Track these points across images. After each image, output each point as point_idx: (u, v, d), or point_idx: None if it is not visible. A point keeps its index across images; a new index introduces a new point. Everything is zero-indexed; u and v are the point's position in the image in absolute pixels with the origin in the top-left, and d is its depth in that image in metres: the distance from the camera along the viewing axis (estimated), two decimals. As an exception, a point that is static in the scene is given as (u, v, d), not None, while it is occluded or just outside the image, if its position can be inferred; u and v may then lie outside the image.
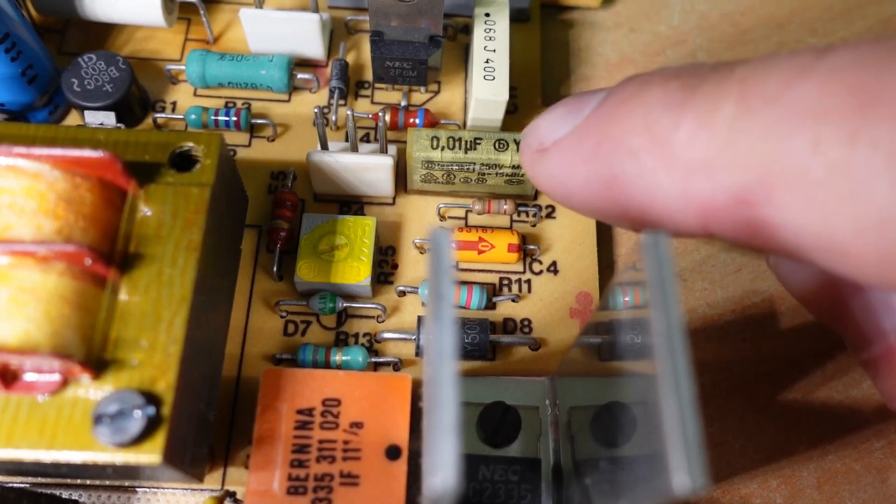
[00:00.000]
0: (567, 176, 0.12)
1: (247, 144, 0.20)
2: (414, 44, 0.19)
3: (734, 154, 0.10)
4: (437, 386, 0.09)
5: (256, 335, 0.18)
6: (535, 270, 0.19)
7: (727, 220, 0.11)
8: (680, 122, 0.11)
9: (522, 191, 0.19)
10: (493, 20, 0.20)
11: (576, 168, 0.12)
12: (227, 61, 0.20)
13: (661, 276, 0.10)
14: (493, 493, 0.16)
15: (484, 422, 0.16)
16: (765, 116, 0.10)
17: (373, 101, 0.21)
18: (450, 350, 0.10)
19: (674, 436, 0.09)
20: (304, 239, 0.18)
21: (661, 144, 0.11)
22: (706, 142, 0.10)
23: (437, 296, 0.10)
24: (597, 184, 0.12)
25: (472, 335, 0.17)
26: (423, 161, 0.18)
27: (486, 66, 0.19)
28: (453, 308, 0.10)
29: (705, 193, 0.10)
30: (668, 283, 0.10)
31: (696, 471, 0.09)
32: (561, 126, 0.13)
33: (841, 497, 0.17)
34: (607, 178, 0.12)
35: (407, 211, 0.20)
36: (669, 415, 0.10)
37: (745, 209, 0.10)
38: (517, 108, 0.21)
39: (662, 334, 0.10)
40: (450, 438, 0.09)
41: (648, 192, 0.11)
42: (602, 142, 0.12)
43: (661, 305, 0.10)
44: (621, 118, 0.11)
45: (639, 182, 0.11)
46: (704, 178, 0.10)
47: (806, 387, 0.18)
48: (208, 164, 0.15)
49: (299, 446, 0.15)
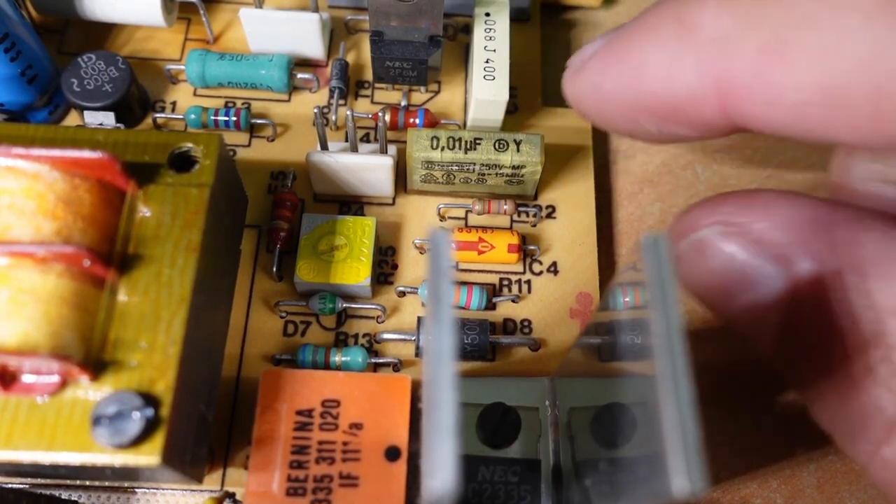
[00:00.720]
0: (599, 81, 0.14)
1: (247, 144, 0.20)
2: (414, 44, 0.19)
3: (752, 26, 0.11)
4: (435, 387, 0.09)
5: (256, 335, 0.18)
6: (535, 271, 0.19)
7: (746, 97, 0.11)
8: (705, 4, 0.12)
9: (522, 191, 0.19)
10: (494, 20, 0.20)
11: (608, 68, 0.13)
12: (227, 61, 0.20)
13: (661, 276, 0.10)
14: (492, 493, 0.16)
15: (483, 423, 0.16)
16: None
17: (373, 100, 0.21)
18: (449, 351, 0.10)
19: (673, 438, 0.09)
20: (304, 239, 0.18)
21: (688, 28, 0.12)
22: (728, 19, 0.11)
23: (436, 297, 0.10)
24: (627, 80, 0.13)
25: (472, 336, 0.17)
26: (423, 161, 0.18)
27: (487, 66, 0.19)
28: (452, 309, 0.10)
29: (725, 67, 0.11)
30: (667, 284, 0.10)
31: (694, 474, 0.09)
32: (597, 44, 0.14)
33: (841, 497, 0.17)
34: (637, 70, 0.13)
35: (407, 211, 0.20)
36: (668, 416, 0.09)
37: (760, 82, 0.11)
38: (517, 109, 0.21)
39: (662, 335, 0.10)
40: (448, 440, 0.09)
41: (673, 80, 0.12)
42: (632, 41, 0.13)
43: (660, 306, 0.10)
44: (654, 15, 0.13)
45: (665, 71, 0.12)
46: (725, 53, 0.11)
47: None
48: (207, 164, 0.15)
49: (299, 447, 0.15)
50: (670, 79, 0.12)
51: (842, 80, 0.11)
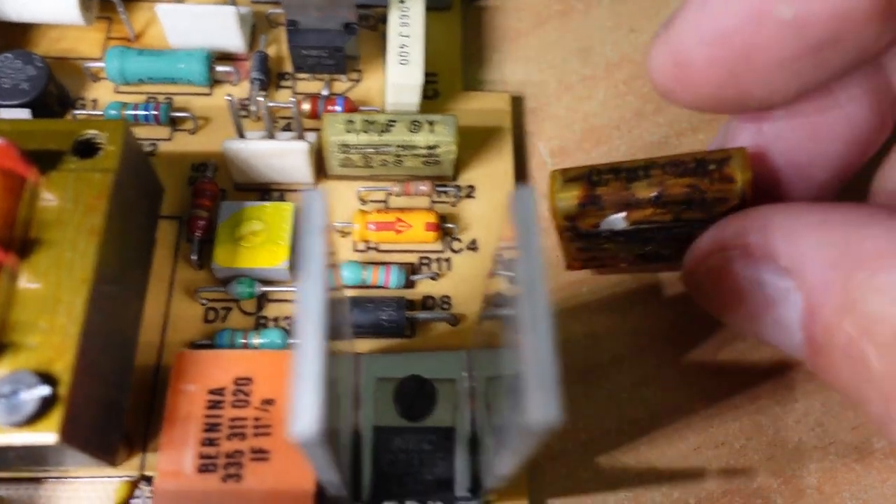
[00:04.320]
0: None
1: (168, 138, 0.20)
2: (329, 32, 0.20)
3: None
4: (301, 336, 0.10)
5: (177, 323, 0.18)
6: (454, 249, 0.19)
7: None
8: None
9: (441, 172, 0.20)
10: (408, 6, 0.20)
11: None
12: (146, 57, 0.20)
13: (527, 225, 0.11)
14: (407, 462, 0.16)
15: (400, 396, 0.17)
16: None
17: (295, 91, 0.21)
18: (317, 304, 0.10)
19: (530, 372, 0.10)
20: (222, 226, 0.18)
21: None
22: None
23: (306, 253, 0.10)
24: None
25: (388, 312, 0.18)
26: (339, 145, 0.18)
27: (401, 52, 0.19)
28: (323, 266, 0.10)
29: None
30: (531, 233, 0.11)
31: (549, 403, 0.09)
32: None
33: (841, 497, 0.17)
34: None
35: (328, 196, 0.20)
36: (527, 353, 0.10)
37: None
38: (438, 94, 0.21)
39: (525, 279, 0.10)
40: (311, 387, 0.09)
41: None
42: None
43: (524, 252, 0.10)
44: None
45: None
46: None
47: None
48: (112, 150, 0.15)
49: (210, 425, 0.15)
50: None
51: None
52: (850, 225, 0.13)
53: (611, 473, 0.17)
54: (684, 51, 0.14)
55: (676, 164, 0.16)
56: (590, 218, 0.16)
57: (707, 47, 0.14)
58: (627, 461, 0.18)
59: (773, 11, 0.13)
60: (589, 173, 0.16)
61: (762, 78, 0.14)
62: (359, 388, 0.17)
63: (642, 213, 0.16)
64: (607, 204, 0.16)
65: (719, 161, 0.15)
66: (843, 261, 0.12)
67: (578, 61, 0.22)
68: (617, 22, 0.23)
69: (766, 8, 0.13)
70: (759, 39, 0.13)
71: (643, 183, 0.15)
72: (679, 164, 0.16)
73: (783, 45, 0.13)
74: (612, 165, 0.16)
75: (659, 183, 0.15)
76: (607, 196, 0.16)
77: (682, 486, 0.17)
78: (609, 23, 0.23)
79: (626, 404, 0.18)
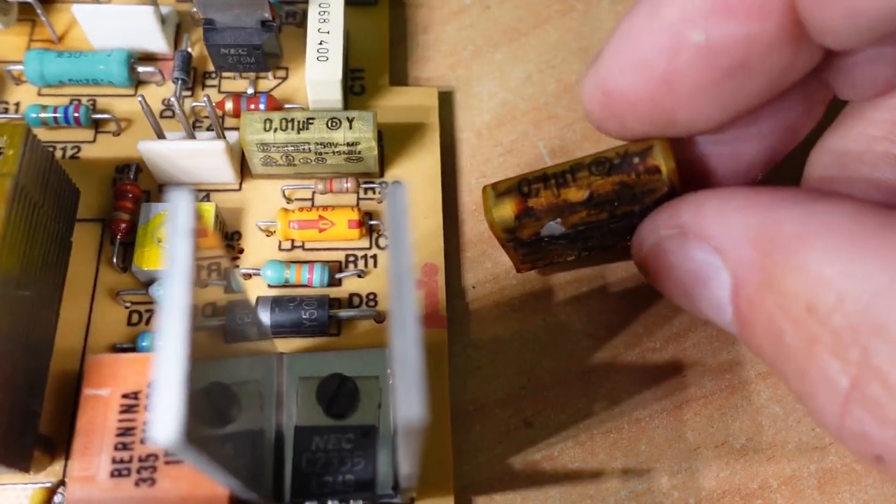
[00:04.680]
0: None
1: (91, 140, 0.20)
2: (247, 30, 0.19)
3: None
4: (162, 341, 0.10)
5: (100, 327, 0.18)
6: (381, 246, 0.19)
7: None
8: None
9: (366, 168, 0.20)
10: (328, 2, 0.20)
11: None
12: (66, 58, 0.20)
13: (397, 224, 0.11)
14: (326, 461, 0.16)
15: (321, 395, 0.17)
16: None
17: (220, 90, 0.21)
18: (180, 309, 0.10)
19: (397, 371, 0.10)
20: (142, 228, 0.18)
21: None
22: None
23: (171, 256, 0.10)
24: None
25: (310, 311, 0.18)
26: (258, 144, 0.18)
27: (320, 48, 0.19)
28: (188, 269, 0.10)
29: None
30: (401, 228, 0.11)
31: (414, 403, 0.09)
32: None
33: (842, 497, 0.17)
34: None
35: (253, 196, 0.20)
36: (396, 351, 0.10)
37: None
38: (364, 90, 0.21)
39: (394, 279, 0.10)
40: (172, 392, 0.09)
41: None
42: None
43: (394, 248, 0.10)
44: None
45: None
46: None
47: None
48: (11, 154, 0.15)
49: (123, 430, 0.15)
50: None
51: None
52: (772, 208, 0.13)
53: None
54: (610, 79, 0.14)
55: (601, 163, 0.16)
56: (528, 228, 0.16)
57: (630, 75, 0.14)
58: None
59: (688, 38, 0.13)
60: (519, 184, 0.16)
61: (683, 104, 0.14)
62: (282, 387, 0.17)
63: (578, 216, 0.16)
64: (542, 214, 0.16)
65: (641, 153, 0.15)
66: (762, 241, 0.13)
67: (578, 61, 0.22)
68: (617, 22, 0.23)
69: (682, 35, 0.13)
70: (677, 65, 0.13)
71: (573, 188, 0.16)
72: (604, 161, 0.16)
73: (699, 70, 0.13)
74: (540, 173, 0.16)
75: (588, 185, 0.16)
76: (540, 206, 0.16)
77: (682, 486, 0.17)
78: (609, 23, 0.23)
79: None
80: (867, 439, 0.11)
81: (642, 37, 0.13)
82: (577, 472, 0.18)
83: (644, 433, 0.18)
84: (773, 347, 0.13)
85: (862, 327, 0.11)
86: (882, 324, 0.11)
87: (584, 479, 0.18)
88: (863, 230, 0.12)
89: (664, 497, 0.17)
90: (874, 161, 0.15)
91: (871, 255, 0.11)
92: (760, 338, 0.13)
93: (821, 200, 0.13)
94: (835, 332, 0.11)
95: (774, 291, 0.12)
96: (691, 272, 0.14)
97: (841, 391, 0.11)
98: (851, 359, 0.11)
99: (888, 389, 0.11)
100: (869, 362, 0.11)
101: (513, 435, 0.18)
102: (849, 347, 0.11)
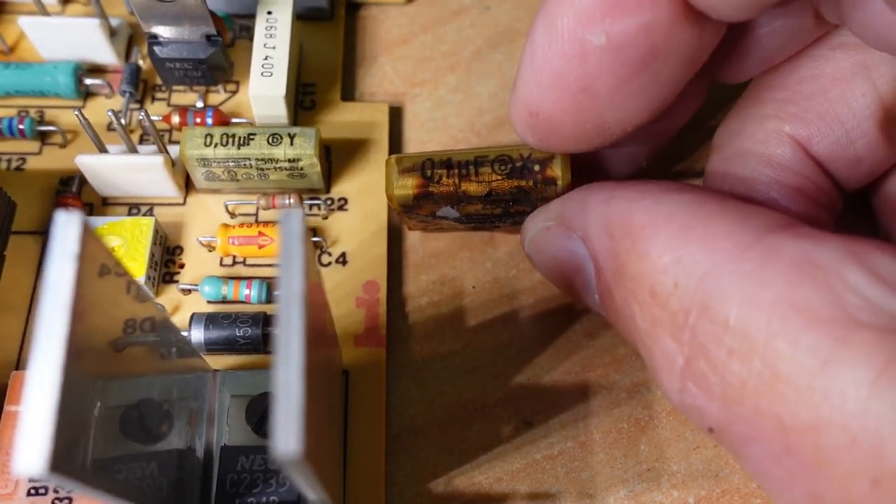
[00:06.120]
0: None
1: (37, 152, 0.20)
2: (192, 44, 0.19)
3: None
4: (34, 367, 0.09)
5: (35, 342, 0.18)
6: (323, 262, 0.19)
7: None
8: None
9: (310, 184, 0.19)
10: (275, 17, 0.20)
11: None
12: (12, 70, 0.20)
13: (290, 247, 0.11)
14: (250, 482, 0.16)
15: (250, 413, 0.16)
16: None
17: (169, 103, 0.21)
18: (58, 333, 0.10)
19: (279, 402, 0.10)
20: (79, 242, 0.18)
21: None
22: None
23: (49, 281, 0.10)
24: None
25: (244, 329, 0.17)
26: (199, 159, 0.18)
27: (265, 63, 0.19)
28: (69, 295, 0.10)
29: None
30: (294, 256, 0.10)
31: (289, 438, 0.09)
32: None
33: None
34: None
35: (197, 210, 0.20)
36: (279, 380, 0.10)
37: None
38: (315, 105, 0.21)
39: (283, 307, 0.10)
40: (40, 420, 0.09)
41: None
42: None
43: (286, 275, 0.10)
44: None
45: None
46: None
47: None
48: (-64, 169, 0.15)
49: (43, 448, 0.15)
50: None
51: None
52: (629, 199, 0.14)
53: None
54: (533, 100, 0.15)
55: (504, 162, 0.16)
56: (424, 208, 0.17)
57: (549, 91, 0.14)
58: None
59: (590, 42, 0.13)
60: (423, 165, 0.17)
61: (608, 105, 0.14)
62: (213, 405, 0.17)
63: (473, 207, 0.17)
64: (440, 199, 0.17)
65: (542, 161, 0.16)
66: (616, 231, 0.14)
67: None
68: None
69: (583, 40, 0.13)
70: (588, 70, 0.14)
71: (473, 182, 0.16)
72: (507, 161, 0.16)
73: (611, 70, 0.14)
74: (446, 157, 0.17)
75: (488, 182, 0.16)
76: (440, 192, 0.17)
77: (682, 486, 0.17)
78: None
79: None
80: (700, 412, 0.12)
81: (547, 51, 0.14)
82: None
83: (644, 433, 0.18)
84: (628, 329, 0.14)
85: (691, 310, 0.12)
86: (706, 305, 0.12)
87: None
88: (693, 219, 0.13)
89: (664, 497, 0.17)
90: (765, 139, 0.15)
91: (698, 243, 0.12)
92: (619, 321, 0.14)
93: (669, 192, 0.14)
94: (672, 314, 0.12)
95: (626, 277, 0.13)
96: (566, 262, 0.15)
97: (677, 369, 0.12)
98: (684, 339, 0.12)
99: (711, 365, 0.12)
100: (697, 341, 0.12)
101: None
102: (682, 329, 0.12)
